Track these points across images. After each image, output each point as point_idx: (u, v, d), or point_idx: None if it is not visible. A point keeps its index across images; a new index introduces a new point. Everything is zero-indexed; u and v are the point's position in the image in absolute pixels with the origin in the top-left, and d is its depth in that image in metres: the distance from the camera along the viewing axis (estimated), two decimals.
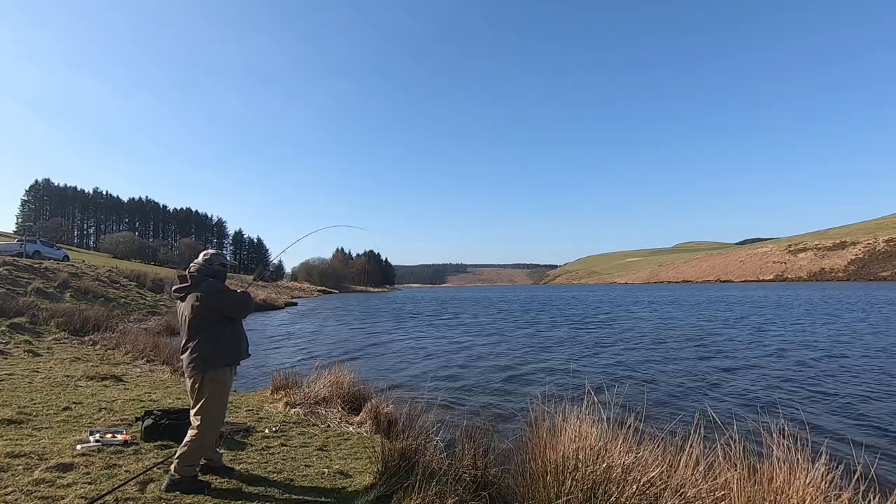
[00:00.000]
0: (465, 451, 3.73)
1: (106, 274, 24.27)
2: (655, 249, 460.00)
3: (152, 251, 78.76)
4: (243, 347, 3.67)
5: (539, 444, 3.41)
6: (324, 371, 6.84)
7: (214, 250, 3.78)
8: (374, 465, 3.72)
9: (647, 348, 14.01)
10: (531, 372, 10.60)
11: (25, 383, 6.49)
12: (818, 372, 9.95)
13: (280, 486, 3.54)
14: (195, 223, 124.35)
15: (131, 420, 4.91)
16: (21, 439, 4.06)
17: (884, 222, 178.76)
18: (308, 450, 4.51)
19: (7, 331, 11.11)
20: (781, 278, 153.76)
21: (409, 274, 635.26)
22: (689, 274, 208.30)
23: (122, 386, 7.01)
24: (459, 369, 11.08)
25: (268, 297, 40.95)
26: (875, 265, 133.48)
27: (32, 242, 29.01)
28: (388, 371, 10.92)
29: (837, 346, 13.54)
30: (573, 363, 11.64)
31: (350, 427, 5.50)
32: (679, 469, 3.06)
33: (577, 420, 3.44)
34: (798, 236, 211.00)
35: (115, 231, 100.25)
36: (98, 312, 14.75)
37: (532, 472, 3.34)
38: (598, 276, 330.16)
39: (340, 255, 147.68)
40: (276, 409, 6.20)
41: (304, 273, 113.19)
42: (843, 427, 6.33)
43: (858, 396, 7.89)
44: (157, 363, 9.53)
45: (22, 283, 17.05)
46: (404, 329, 21.65)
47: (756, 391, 8.36)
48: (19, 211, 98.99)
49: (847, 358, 11.51)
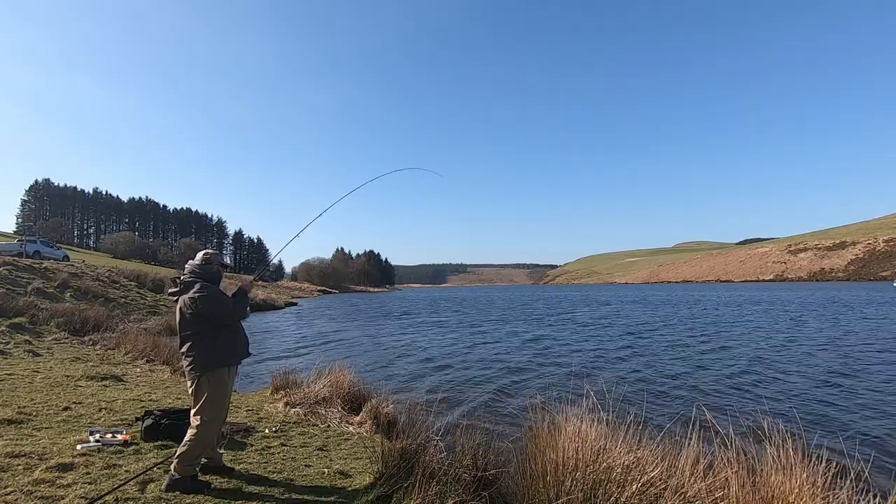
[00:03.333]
0: (465, 451, 3.73)
1: (106, 274, 24.26)
2: (655, 249, 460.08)
3: (152, 251, 78.79)
4: (243, 347, 3.65)
5: (539, 443, 3.42)
6: (324, 371, 6.83)
7: (212, 250, 3.75)
8: (374, 465, 3.72)
9: (646, 348, 14.02)
10: (531, 372, 10.61)
11: (25, 383, 6.49)
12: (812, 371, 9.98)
13: (280, 486, 3.54)
14: (195, 223, 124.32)
15: (131, 420, 4.91)
16: (21, 439, 4.06)
17: (884, 222, 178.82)
18: (308, 450, 4.51)
19: (7, 331, 11.10)
20: (781, 278, 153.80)
21: (409, 274, 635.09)
22: (689, 274, 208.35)
23: (122, 386, 7.02)
24: (459, 369, 11.09)
25: (268, 296, 40.91)
26: (875, 265, 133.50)
27: (32, 242, 29.01)
28: (387, 371, 10.92)
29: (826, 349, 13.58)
30: (573, 363, 11.64)
31: (350, 427, 5.50)
32: (678, 469, 3.06)
33: (576, 420, 3.45)
34: (798, 236, 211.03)
35: (115, 231, 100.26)
36: (98, 312, 14.73)
37: (532, 471, 3.34)
38: (598, 276, 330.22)
39: (340, 254, 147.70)
40: (276, 409, 6.19)
41: (304, 273, 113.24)
42: (843, 427, 6.34)
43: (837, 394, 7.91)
44: (157, 363, 9.53)
45: (22, 283, 17.05)
46: (404, 329, 21.65)
47: (753, 390, 8.37)
48: (19, 211, 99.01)
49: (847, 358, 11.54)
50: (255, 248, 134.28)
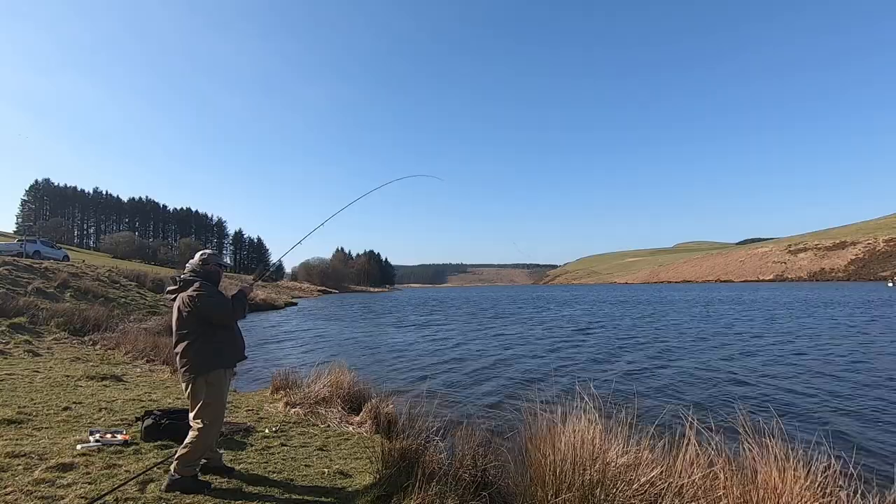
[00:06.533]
0: (464, 452, 3.73)
1: (106, 274, 24.25)
2: (655, 249, 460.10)
3: (152, 251, 78.82)
4: (238, 350, 3.63)
5: (538, 444, 3.42)
6: (324, 371, 6.82)
7: (210, 251, 3.76)
8: (374, 465, 3.72)
9: (644, 348, 14.03)
10: (531, 372, 10.60)
11: (25, 383, 6.50)
12: (814, 370, 9.98)
13: (280, 486, 3.54)
14: (195, 223, 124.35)
15: (131, 420, 4.91)
16: (21, 439, 4.06)
17: (884, 222, 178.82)
18: (308, 450, 4.51)
19: (7, 331, 11.11)
20: (781, 278, 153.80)
21: (409, 274, 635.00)
22: (689, 274, 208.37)
23: (122, 386, 7.02)
24: (460, 369, 11.08)
25: (268, 296, 40.90)
26: (875, 265, 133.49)
27: (32, 242, 29.00)
28: (387, 371, 10.92)
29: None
30: (573, 363, 11.65)
31: (350, 427, 5.49)
32: (677, 469, 3.06)
33: (575, 420, 3.45)
34: (798, 236, 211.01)
35: (115, 231, 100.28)
36: (98, 312, 14.74)
37: (532, 472, 3.34)
38: (598, 276, 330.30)
39: (340, 255, 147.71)
40: (276, 409, 6.19)
41: (304, 273, 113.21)
42: (843, 427, 6.34)
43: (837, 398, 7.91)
44: (157, 363, 9.53)
45: (22, 283, 17.05)
46: (404, 329, 21.65)
47: (753, 390, 8.37)
48: (19, 211, 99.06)
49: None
50: (254, 248, 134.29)
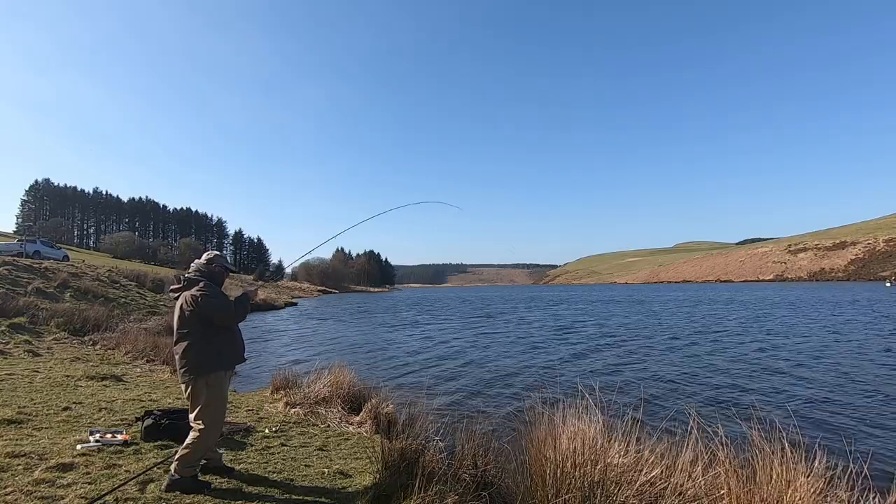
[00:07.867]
0: (464, 452, 3.73)
1: (106, 274, 24.25)
2: (655, 249, 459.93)
3: (152, 251, 78.77)
4: (238, 351, 3.63)
5: (538, 444, 3.42)
6: (324, 371, 6.82)
7: (216, 252, 3.77)
8: (374, 465, 3.72)
9: (642, 347, 14.02)
10: (531, 372, 10.60)
11: (25, 383, 6.50)
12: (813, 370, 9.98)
13: (280, 486, 3.55)
14: (195, 223, 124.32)
15: (131, 420, 4.91)
16: (21, 439, 4.06)
17: (884, 222, 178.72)
18: (308, 450, 4.51)
19: (7, 331, 11.11)
20: (781, 278, 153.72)
21: (409, 274, 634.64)
22: (689, 274, 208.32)
23: (122, 386, 7.02)
24: (459, 369, 11.08)
25: (268, 297, 40.91)
26: (875, 265, 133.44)
27: (32, 242, 28.99)
28: (387, 371, 10.92)
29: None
30: (572, 364, 11.65)
31: (350, 427, 5.50)
32: (677, 469, 3.06)
33: (576, 420, 3.45)
34: (798, 236, 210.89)
35: (115, 231, 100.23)
36: (98, 312, 14.74)
37: (532, 472, 3.34)
38: (598, 276, 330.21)
39: (340, 255, 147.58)
40: (276, 409, 6.20)
41: (304, 273, 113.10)
42: (843, 427, 6.34)
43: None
44: (157, 363, 9.53)
45: (22, 283, 17.04)
46: (404, 329, 21.65)
47: (753, 390, 8.37)
48: (19, 211, 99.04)
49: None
50: (254, 248, 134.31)
